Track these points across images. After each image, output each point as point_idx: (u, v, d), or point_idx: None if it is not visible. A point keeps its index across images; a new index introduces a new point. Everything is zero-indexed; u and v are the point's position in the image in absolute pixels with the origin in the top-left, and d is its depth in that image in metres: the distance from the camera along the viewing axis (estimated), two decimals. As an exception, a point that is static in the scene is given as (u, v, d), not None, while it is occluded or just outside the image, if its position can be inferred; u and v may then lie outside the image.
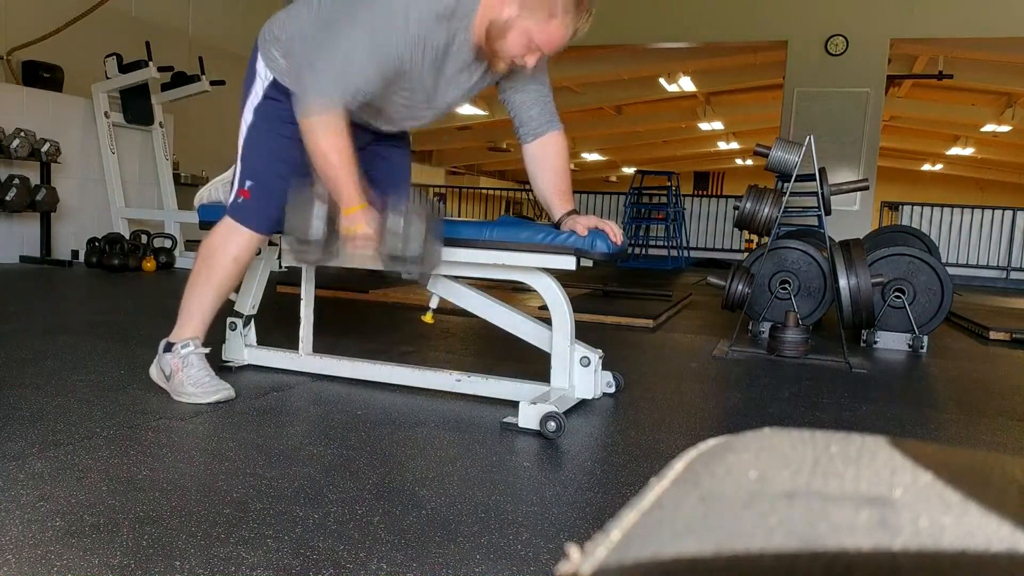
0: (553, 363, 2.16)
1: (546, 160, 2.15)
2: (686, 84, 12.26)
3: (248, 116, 2.10)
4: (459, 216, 15.10)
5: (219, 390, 2.03)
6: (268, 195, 2.08)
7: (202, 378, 2.04)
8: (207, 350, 2.11)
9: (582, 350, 2.20)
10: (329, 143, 1.84)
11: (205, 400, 2.00)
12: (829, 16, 8.56)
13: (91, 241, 5.79)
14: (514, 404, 1.98)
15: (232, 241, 2.09)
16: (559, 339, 2.15)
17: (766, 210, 3.44)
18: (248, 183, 2.10)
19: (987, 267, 9.36)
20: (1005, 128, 13.71)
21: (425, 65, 1.88)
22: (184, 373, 2.03)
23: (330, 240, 1.96)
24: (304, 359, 2.43)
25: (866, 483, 0.24)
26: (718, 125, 15.79)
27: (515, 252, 2.07)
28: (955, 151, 16.79)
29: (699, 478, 0.26)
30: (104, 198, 6.27)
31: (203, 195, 2.47)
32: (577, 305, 2.62)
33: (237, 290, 2.39)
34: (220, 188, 2.39)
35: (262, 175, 2.09)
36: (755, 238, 6.75)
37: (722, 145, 18.65)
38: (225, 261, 2.09)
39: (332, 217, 1.95)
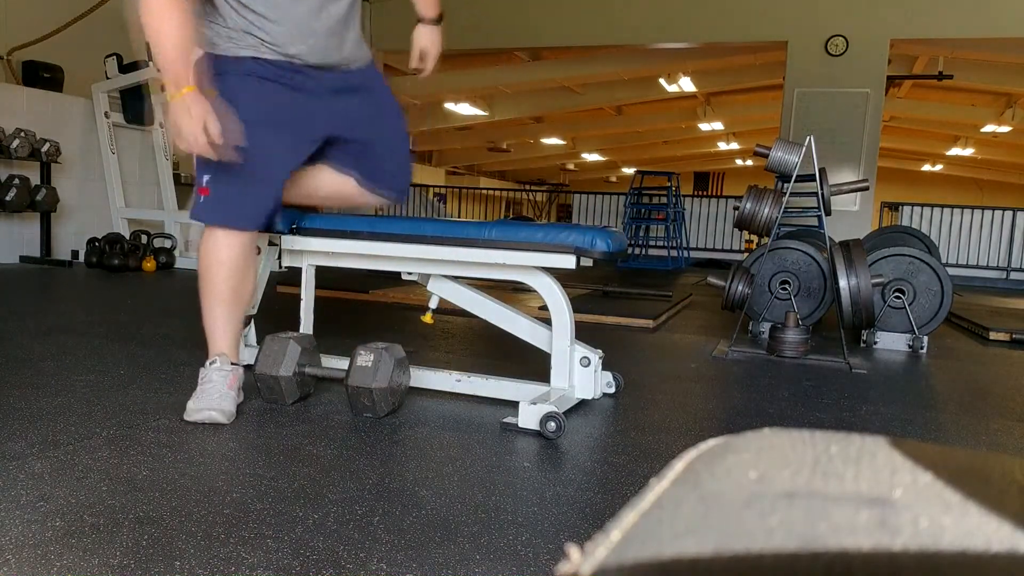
0: (553, 363, 2.16)
1: None
2: (686, 84, 12.26)
3: None
4: (459, 216, 15.11)
5: (206, 409, 1.84)
6: (228, 182, 1.92)
7: (208, 395, 1.88)
8: (230, 368, 1.94)
9: (582, 350, 2.20)
10: (156, 16, 1.76)
11: (188, 418, 1.84)
12: (829, 16, 8.55)
13: (91, 241, 5.79)
14: (514, 404, 1.98)
15: (211, 246, 1.97)
16: (559, 339, 2.15)
17: (766, 210, 3.44)
18: (205, 178, 1.95)
19: (987, 267, 9.36)
20: (1005, 128, 13.71)
21: None
22: (199, 388, 1.91)
23: (303, 381, 2.06)
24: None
25: (866, 483, 0.24)
26: (718, 125, 15.79)
27: (514, 251, 2.08)
28: (955, 151, 16.79)
29: (699, 478, 0.26)
30: (104, 198, 6.27)
31: None
32: (577, 305, 2.62)
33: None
34: None
35: (213, 164, 1.89)
36: (755, 238, 6.75)
37: (722, 145, 18.65)
38: (212, 268, 1.97)
39: (303, 360, 2.04)
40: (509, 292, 4.56)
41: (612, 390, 2.33)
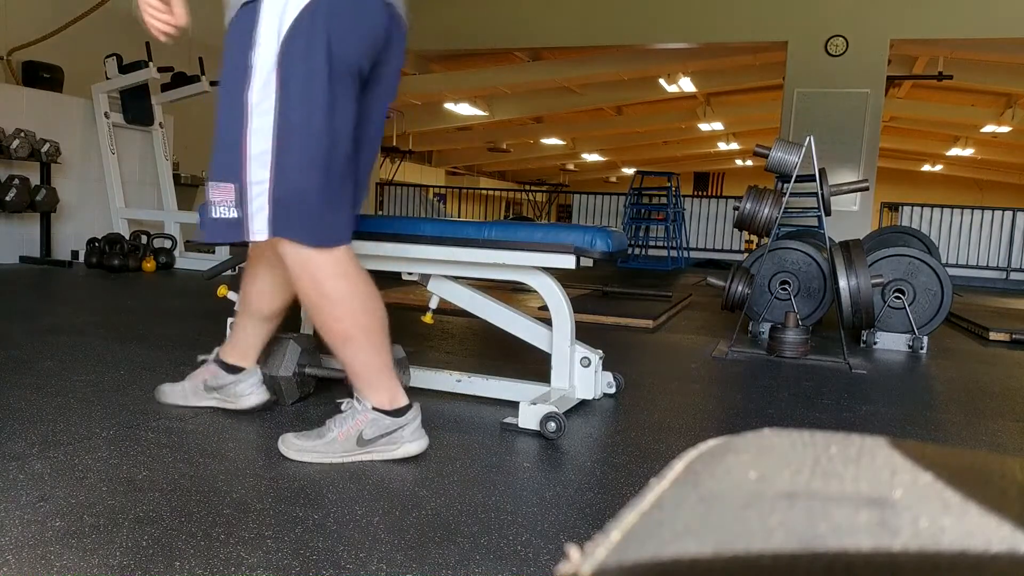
0: (553, 363, 2.16)
1: None
2: (686, 84, 12.26)
3: None
4: (459, 216, 15.10)
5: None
6: None
7: None
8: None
9: (582, 350, 2.20)
10: None
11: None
12: (829, 16, 8.55)
13: (91, 241, 5.79)
14: (514, 404, 1.98)
15: None
16: (559, 339, 2.15)
17: (766, 211, 3.44)
18: None
19: (987, 268, 9.36)
20: (1005, 129, 13.70)
21: None
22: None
23: (303, 382, 2.08)
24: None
25: (866, 484, 0.24)
26: (718, 126, 15.79)
27: (514, 251, 2.07)
28: (955, 152, 16.79)
29: (699, 479, 0.26)
30: (104, 198, 6.27)
31: None
32: (577, 305, 2.62)
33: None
34: None
35: None
36: (755, 239, 6.76)
37: (722, 146, 18.65)
38: None
39: (303, 360, 2.04)
40: (509, 292, 4.56)
41: (612, 390, 2.33)
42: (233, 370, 1.94)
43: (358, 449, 1.63)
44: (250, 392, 1.94)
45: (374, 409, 1.64)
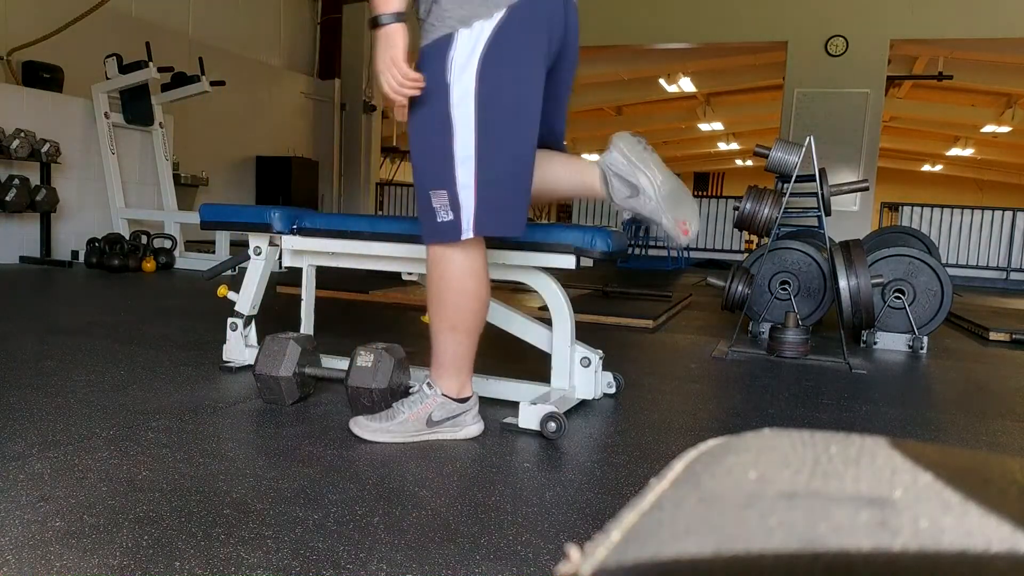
0: (553, 364, 2.16)
1: None
2: (686, 84, 12.27)
3: None
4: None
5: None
6: None
7: None
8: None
9: (582, 350, 2.20)
10: None
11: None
12: (829, 16, 8.56)
13: (91, 241, 5.79)
14: (514, 404, 1.98)
15: None
16: (559, 340, 2.15)
17: (766, 211, 3.44)
18: None
19: (987, 268, 9.36)
20: (1005, 129, 13.72)
21: None
22: None
23: (303, 382, 2.06)
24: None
25: (866, 484, 0.24)
26: (718, 126, 15.81)
27: (515, 251, 2.08)
28: (955, 152, 16.81)
29: (699, 479, 0.26)
30: (104, 198, 6.27)
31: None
32: (577, 306, 2.62)
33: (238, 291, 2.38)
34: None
35: None
36: (755, 239, 6.76)
37: (722, 146, 18.66)
38: None
39: (303, 360, 2.03)
40: (509, 292, 4.56)
41: (612, 390, 2.33)
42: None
43: (427, 429, 1.79)
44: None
45: (443, 395, 1.80)
